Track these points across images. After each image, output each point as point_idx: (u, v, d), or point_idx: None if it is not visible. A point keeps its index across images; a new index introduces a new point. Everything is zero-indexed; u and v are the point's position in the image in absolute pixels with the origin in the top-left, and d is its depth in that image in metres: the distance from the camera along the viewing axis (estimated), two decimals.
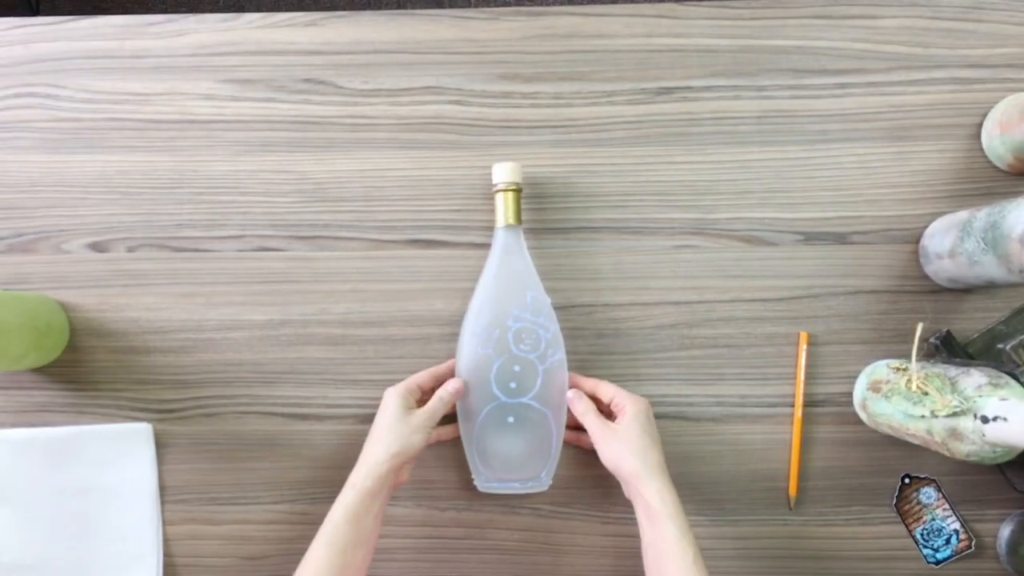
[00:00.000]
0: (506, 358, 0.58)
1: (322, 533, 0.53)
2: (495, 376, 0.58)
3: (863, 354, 0.64)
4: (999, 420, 0.46)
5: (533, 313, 0.58)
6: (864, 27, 0.64)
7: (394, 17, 0.66)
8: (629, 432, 0.55)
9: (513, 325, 0.58)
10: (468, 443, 0.60)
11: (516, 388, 0.58)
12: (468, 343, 0.59)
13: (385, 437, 0.55)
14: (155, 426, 0.65)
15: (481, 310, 0.59)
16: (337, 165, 0.65)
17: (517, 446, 0.59)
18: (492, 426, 0.59)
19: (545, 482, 0.60)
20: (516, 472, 0.60)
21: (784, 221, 0.64)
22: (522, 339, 0.58)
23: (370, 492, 0.53)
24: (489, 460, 0.60)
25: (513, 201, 0.59)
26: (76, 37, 0.66)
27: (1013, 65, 0.63)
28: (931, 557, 0.63)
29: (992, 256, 0.52)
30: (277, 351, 0.65)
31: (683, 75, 0.65)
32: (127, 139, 0.65)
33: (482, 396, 0.59)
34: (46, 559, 0.64)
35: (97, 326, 0.65)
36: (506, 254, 0.59)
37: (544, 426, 0.59)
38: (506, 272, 0.59)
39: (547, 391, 0.58)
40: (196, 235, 0.65)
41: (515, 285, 0.59)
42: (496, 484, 0.60)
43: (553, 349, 0.59)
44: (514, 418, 0.58)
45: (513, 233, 0.60)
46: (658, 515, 0.52)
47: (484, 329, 0.58)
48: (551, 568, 0.65)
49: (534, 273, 0.60)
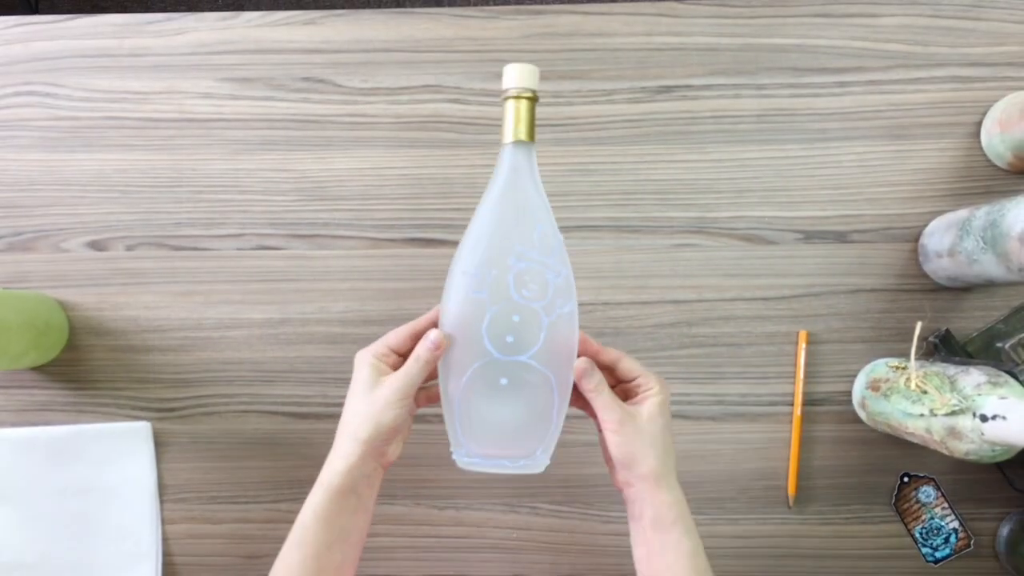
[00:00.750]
0: (503, 305, 0.46)
1: (292, 535, 0.48)
2: (488, 327, 0.46)
3: (862, 353, 0.64)
4: (998, 419, 0.46)
5: (541, 252, 0.47)
6: (864, 25, 0.64)
7: (393, 15, 0.65)
8: (653, 424, 0.47)
9: (515, 265, 0.46)
10: (449, 407, 0.48)
11: (513, 343, 0.46)
12: (457, 284, 0.47)
13: (352, 422, 0.47)
14: (155, 425, 0.65)
15: (477, 244, 0.47)
16: (336, 163, 0.65)
17: (510, 414, 0.48)
18: (481, 388, 0.47)
19: (541, 461, 0.48)
20: (506, 447, 0.48)
21: (784, 220, 0.64)
22: (525, 283, 0.46)
23: (341, 490, 0.46)
24: (474, 430, 0.48)
25: (526, 111, 0.47)
26: (75, 36, 0.65)
27: (1013, 63, 0.63)
28: (930, 556, 0.63)
29: (991, 255, 0.52)
30: (276, 350, 0.65)
31: (683, 73, 0.65)
32: (126, 138, 0.65)
33: (471, 350, 0.47)
34: (46, 558, 0.64)
35: (96, 325, 0.65)
36: (513, 177, 0.48)
37: (544, 392, 0.47)
38: (511, 199, 0.47)
39: (551, 350, 0.47)
40: (195, 233, 0.65)
41: (521, 216, 0.47)
42: (480, 460, 0.48)
43: (563, 299, 0.47)
44: (508, 380, 0.47)
45: (524, 152, 0.48)
46: (672, 526, 0.46)
47: (479, 268, 0.46)
48: (550, 567, 0.65)
49: (546, 204, 0.48)
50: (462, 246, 0.48)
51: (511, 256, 0.46)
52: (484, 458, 0.48)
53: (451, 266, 0.48)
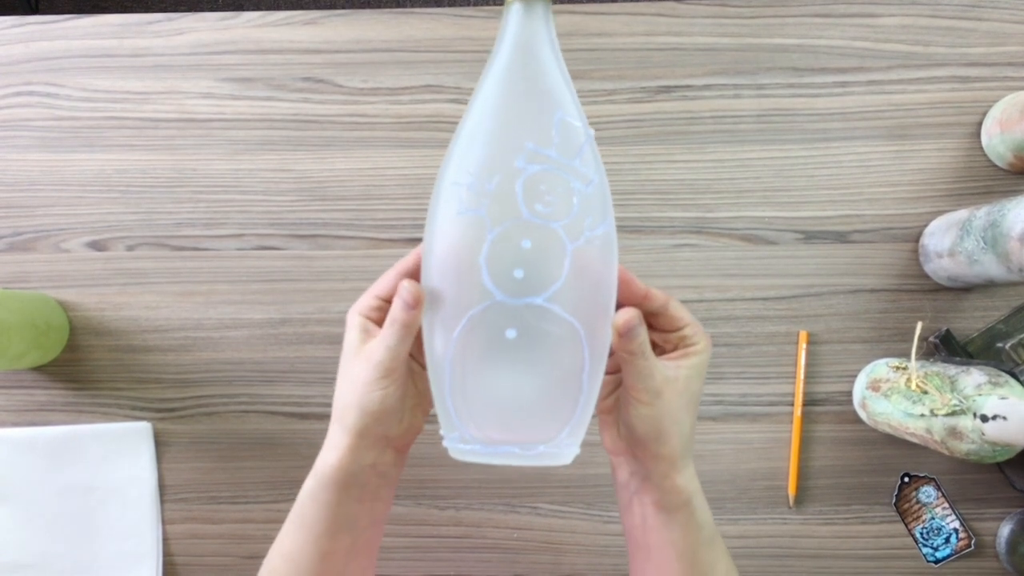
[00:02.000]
0: (509, 226, 0.33)
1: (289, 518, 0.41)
2: (489, 257, 0.33)
3: (863, 353, 0.64)
4: (998, 419, 0.46)
5: (562, 150, 0.34)
6: (864, 25, 0.64)
7: (393, 15, 0.65)
8: (689, 393, 0.37)
9: (525, 168, 0.33)
10: (437, 374, 0.36)
11: (524, 280, 0.33)
12: (445, 201, 0.34)
13: (339, 401, 0.39)
14: (155, 425, 0.65)
15: (471, 142, 0.34)
16: (336, 164, 0.65)
17: (521, 381, 0.34)
18: (480, 344, 0.34)
19: (566, 449, 0.35)
20: (517, 428, 0.35)
21: (784, 220, 0.64)
22: (540, 194, 0.33)
23: (336, 482, 0.39)
24: (471, 404, 0.35)
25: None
26: (75, 36, 0.65)
27: (1013, 63, 0.63)
28: (930, 556, 0.63)
29: (991, 255, 0.52)
30: (277, 350, 0.65)
31: (683, 73, 0.65)
32: (126, 138, 0.65)
33: (465, 292, 0.34)
34: (46, 558, 0.64)
35: (96, 325, 0.65)
36: (522, 47, 0.35)
37: (570, 348, 0.34)
38: (520, 78, 0.35)
39: (579, 288, 0.34)
40: (195, 234, 0.65)
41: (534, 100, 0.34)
42: (481, 447, 0.35)
43: (594, 216, 0.34)
44: (518, 331, 0.33)
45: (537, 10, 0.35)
46: (684, 506, 0.39)
47: (474, 175, 0.34)
48: (551, 567, 0.65)
49: (569, 84, 0.35)
50: (451, 150, 0.35)
51: (520, 156, 0.33)
52: (486, 444, 0.35)
53: (437, 180, 0.35)
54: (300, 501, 0.40)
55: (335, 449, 0.38)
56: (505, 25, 0.35)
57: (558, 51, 0.35)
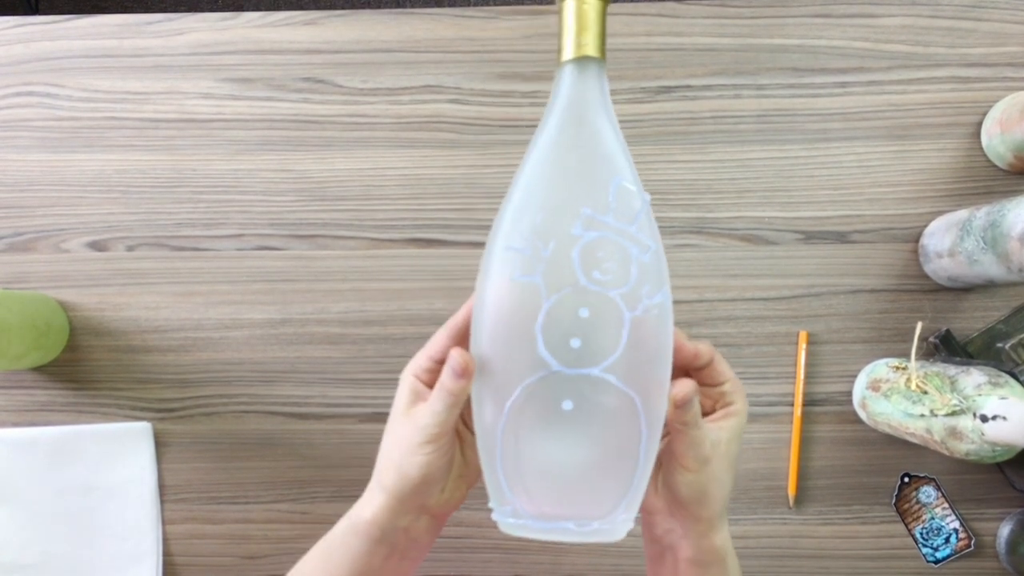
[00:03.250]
0: (567, 293, 0.32)
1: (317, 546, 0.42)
2: (544, 326, 0.32)
3: (863, 353, 0.64)
4: (998, 419, 0.46)
5: (620, 216, 0.33)
6: (864, 26, 0.64)
7: (393, 16, 0.65)
8: (730, 456, 0.37)
9: (583, 235, 0.32)
10: (488, 445, 0.34)
11: (581, 350, 0.32)
12: (499, 266, 0.33)
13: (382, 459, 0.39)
14: (155, 425, 0.65)
15: (526, 207, 0.33)
16: (336, 164, 0.65)
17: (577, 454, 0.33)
18: (534, 416, 0.33)
19: (622, 524, 0.34)
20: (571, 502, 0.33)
21: (784, 220, 0.64)
22: (598, 261, 0.32)
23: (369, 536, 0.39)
24: (524, 478, 0.34)
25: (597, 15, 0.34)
26: (75, 36, 0.65)
27: (1013, 64, 0.63)
28: (930, 556, 0.63)
29: (991, 255, 0.52)
30: (276, 350, 0.65)
31: (683, 74, 0.65)
32: (126, 138, 0.65)
33: (518, 363, 0.33)
34: (46, 558, 0.64)
35: (97, 325, 0.65)
36: (578, 110, 0.34)
37: (627, 420, 0.33)
38: (574, 141, 0.34)
39: (637, 359, 0.33)
40: (195, 234, 0.65)
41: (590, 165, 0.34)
42: (534, 523, 0.33)
43: (652, 284, 0.33)
44: (574, 403, 0.32)
45: (593, 73, 0.34)
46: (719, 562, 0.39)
47: (529, 240, 0.33)
48: (551, 567, 0.65)
49: (625, 148, 0.34)
50: (503, 212, 0.34)
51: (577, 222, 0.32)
52: (539, 519, 0.33)
53: (488, 244, 0.34)
54: (329, 540, 0.40)
55: (370, 505, 0.38)
56: (558, 86, 0.34)
57: (612, 112, 0.34)
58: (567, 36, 0.34)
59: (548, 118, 0.34)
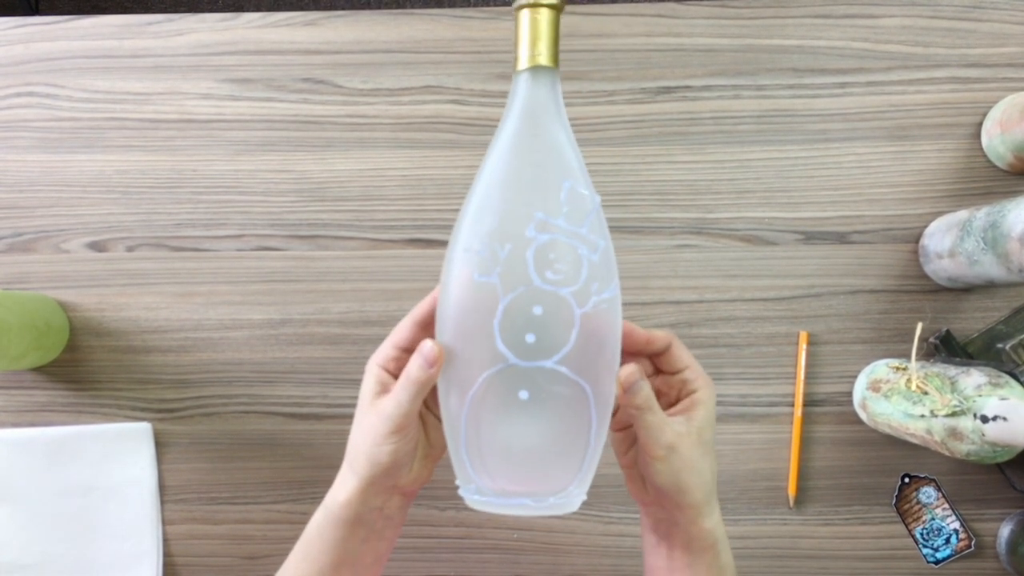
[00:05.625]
0: (522, 292, 0.35)
1: (297, 546, 0.44)
2: (501, 322, 0.35)
3: (863, 353, 0.64)
4: (999, 419, 0.46)
5: (571, 219, 0.35)
6: (864, 26, 0.64)
7: (393, 16, 0.65)
8: (703, 444, 0.38)
9: (536, 237, 0.35)
10: (453, 430, 0.38)
11: (536, 344, 0.35)
12: (458, 267, 0.36)
13: (352, 447, 0.41)
14: (155, 426, 0.65)
15: (483, 210, 0.36)
16: (336, 164, 0.65)
17: (533, 439, 0.37)
18: (494, 405, 0.36)
19: (574, 498, 0.38)
20: (529, 481, 0.37)
21: (784, 220, 0.64)
22: (550, 262, 0.35)
23: (344, 520, 0.41)
24: (486, 460, 0.37)
25: (548, 24, 0.36)
26: (75, 36, 0.66)
27: (1013, 64, 0.63)
28: (931, 556, 0.63)
29: (992, 255, 0.52)
30: (277, 351, 0.65)
31: (683, 74, 0.65)
32: (126, 139, 0.65)
33: (479, 355, 0.36)
34: (46, 558, 0.64)
35: (96, 325, 0.65)
36: (531, 116, 0.36)
37: (579, 408, 0.36)
38: (528, 147, 0.36)
39: (587, 351, 0.35)
40: (195, 234, 0.65)
41: (544, 170, 0.36)
42: (495, 499, 0.37)
43: (601, 282, 0.36)
44: (530, 393, 0.35)
45: (546, 81, 0.36)
46: (709, 549, 0.40)
47: (486, 242, 0.35)
48: (551, 568, 0.65)
49: (577, 153, 0.37)
50: (463, 215, 0.36)
51: (530, 225, 0.35)
52: (500, 496, 0.37)
53: (450, 243, 0.37)
54: (307, 534, 0.42)
55: (344, 489, 0.40)
56: (514, 93, 0.37)
57: (565, 119, 0.36)
58: (522, 46, 0.36)
59: (504, 125, 0.37)
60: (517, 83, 0.37)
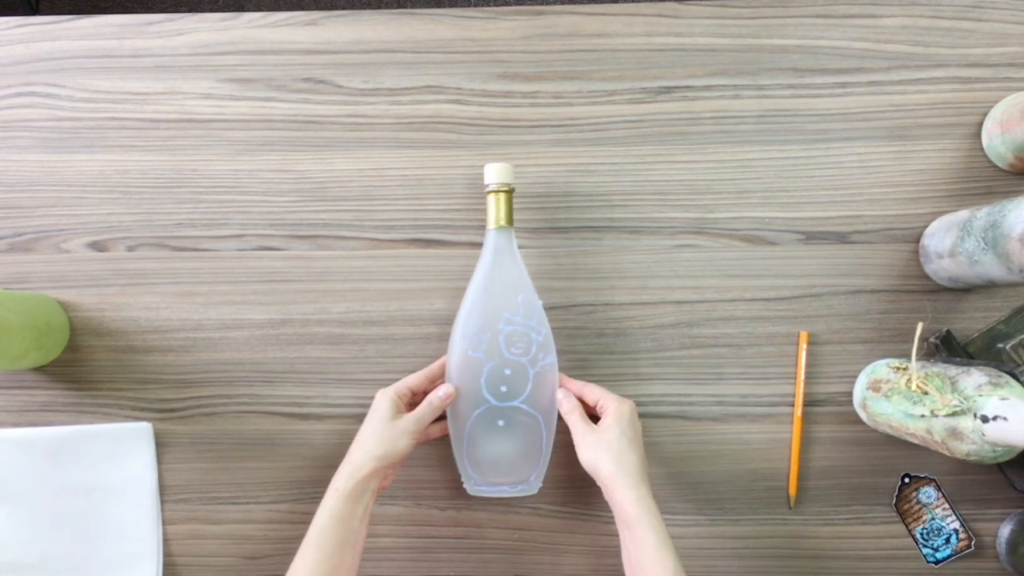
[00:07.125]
0: (497, 361, 0.57)
1: (308, 537, 0.53)
2: (486, 379, 0.57)
3: (863, 353, 0.64)
4: (999, 419, 0.46)
5: (524, 316, 0.57)
6: (865, 26, 0.64)
7: (394, 16, 0.65)
8: (608, 433, 0.55)
9: (504, 328, 0.57)
10: (458, 446, 0.59)
11: (507, 392, 0.57)
12: (459, 346, 0.58)
13: (368, 441, 0.55)
14: (155, 425, 0.65)
15: (472, 313, 0.58)
16: (337, 164, 0.65)
17: (507, 450, 0.58)
18: (482, 429, 0.58)
19: (535, 485, 0.59)
20: (506, 476, 0.59)
21: (784, 220, 0.64)
22: (513, 342, 0.57)
23: (351, 496, 0.53)
24: (479, 464, 0.59)
25: (505, 202, 0.58)
26: (76, 36, 0.66)
27: (1014, 64, 0.63)
28: (931, 556, 0.63)
29: (992, 255, 0.52)
30: (277, 350, 0.65)
31: (683, 74, 0.65)
32: (127, 138, 0.65)
33: (472, 399, 0.58)
34: (46, 558, 0.64)
35: (97, 325, 0.65)
36: (497, 256, 0.58)
37: (535, 430, 0.58)
38: (497, 274, 0.58)
39: (538, 394, 0.58)
40: (195, 234, 0.65)
41: (506, 288, 0.58)
42: (486, 488, 0.59)
43: (544, 352, 0.58)
44: (504, 421, 0.58)
45: (505, 235, 0.59)
46: (635, 522, 0.52)
47: (475, 332, 0.57)
48: (551, 568, 0.65)
49: (526, 275, 0.59)
50: (460, 314, 0.58)
51: (500, 321, 0.57)
52: (489, 486, 0.59)
53: (452, 331, 0.59)
54: (317, 523, 0.53)
55: (360, 467, 0.54)
56: (487, 242, 0.59)
57: (518, 255, 0.59)
58: (491, 214, 0.59)
59: (482, 260, 0.59)
60: (488, 236, 0.59)
